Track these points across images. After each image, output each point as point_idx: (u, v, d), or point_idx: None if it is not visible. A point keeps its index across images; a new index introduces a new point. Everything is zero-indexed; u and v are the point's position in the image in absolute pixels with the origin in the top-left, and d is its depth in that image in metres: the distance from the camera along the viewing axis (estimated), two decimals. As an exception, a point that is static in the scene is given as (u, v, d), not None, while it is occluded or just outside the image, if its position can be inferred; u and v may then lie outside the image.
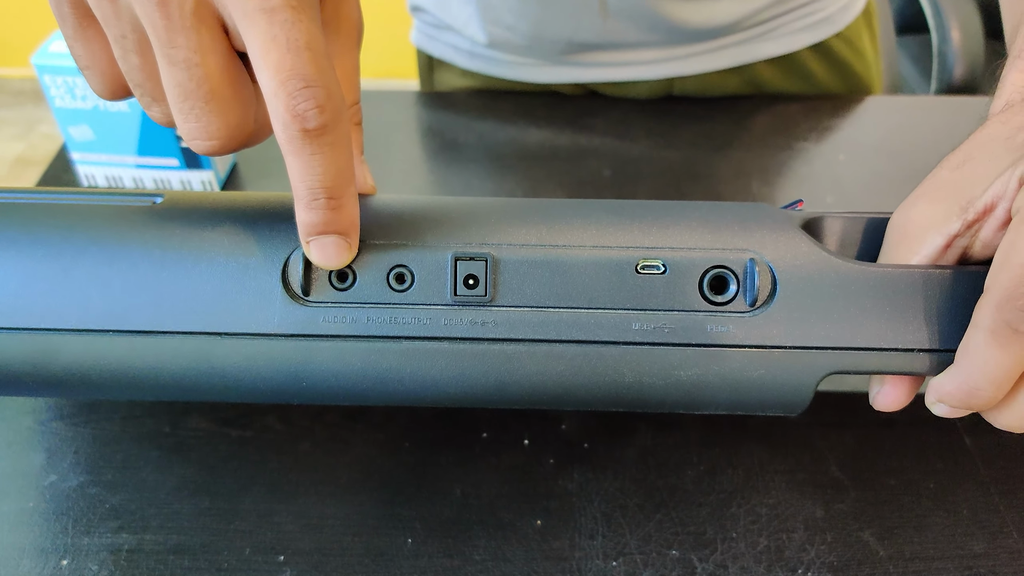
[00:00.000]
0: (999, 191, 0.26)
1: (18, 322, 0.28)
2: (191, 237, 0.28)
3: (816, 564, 0.34)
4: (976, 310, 0.25)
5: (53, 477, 0.37)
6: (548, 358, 0.28)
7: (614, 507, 0.36)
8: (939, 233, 0.28)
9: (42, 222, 0.28)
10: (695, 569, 0.34)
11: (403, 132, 0.62)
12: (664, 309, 0.28)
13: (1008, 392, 0.26)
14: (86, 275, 0.28)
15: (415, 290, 0.28)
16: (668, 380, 0.28)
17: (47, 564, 0.34)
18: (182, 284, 0.28)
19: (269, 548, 0.35)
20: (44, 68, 0.48)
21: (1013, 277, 0.24)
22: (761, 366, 0.28)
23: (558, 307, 0.28)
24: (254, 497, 0.37)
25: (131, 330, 0.28)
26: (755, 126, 0.62)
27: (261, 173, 0.56)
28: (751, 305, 0.28)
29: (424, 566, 0.34)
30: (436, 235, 0.28)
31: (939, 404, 0.27)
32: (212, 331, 0.28)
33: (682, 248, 0.28)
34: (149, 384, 0.29)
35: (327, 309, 0.28)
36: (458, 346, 0.28)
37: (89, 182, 0.54)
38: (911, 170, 0.57)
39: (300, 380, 0.28)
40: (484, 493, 0.37)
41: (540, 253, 0.28)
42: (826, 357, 0.28)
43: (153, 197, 0.30)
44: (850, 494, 0.37)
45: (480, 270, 0.28)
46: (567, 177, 0.56)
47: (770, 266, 0.28)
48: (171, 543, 0.35)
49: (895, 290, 0.28)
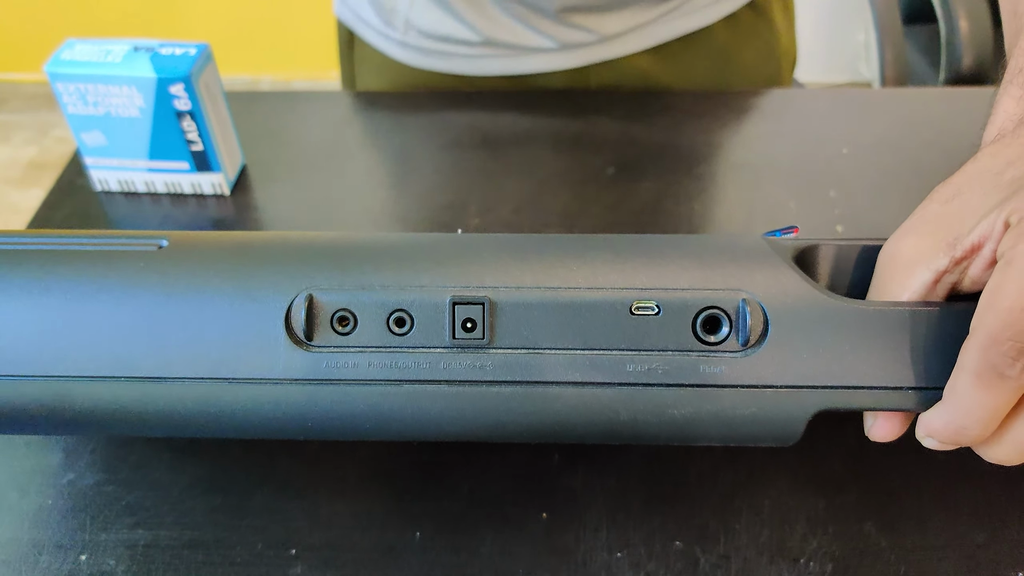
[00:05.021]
0: (986, 231, 0.26)
1: (31, 370, 0.29)
2: (195, 284, 0.29)
3: (818, 555, 0.35)
4: (962, 352, 0.26)
5: (71, 475, 0.38)
6: (545, 399, 0.29)
7: (618, 502, 0.37)
8: (927, 269, 0.28)
9: (51, 270, 0.30)
10: (698, 561, 0.35)
11: (403, 132, 0.62)
12: (658, 350, 0.29)
13: (996, 429, 0.26)
14: (95, 324, 0.29)
15: (415, 334, 0.29)
16: (662, 418, 0.29)
17: (66, 559, 0.35)
18: (188, 331, 0.29)
19: (280, 543, 0.36)
20: (56, 76, 0.49)
21: (998, 321, 0.24)
22: (753, 404, 0.29)
23: (554, 349, 0.29)
24: (265, 494, 0.37)
25: (140, 377, 0.29)
26: (758, 120, 0.62)
27: (270, 177, 0.57)
28: (743, 345, 0.28)
29: (432, 560, 0.35)
30: (434, 278, 0.29)
31: (928, 439, 0.28)
32: (218, 377, 0.29)
33: (675, 289, 0.29)
34: (159, 425, 0.30)
35: (329, 355, 0.29)
36: (457, 389, 0.29)
37: (102, 186, 0.55)
38: (915, 163, 0.57)
39: (305, 422, 0.30)
40: (491, 489, 0.38)
41: (536, 295, 0.29)
42: (816, 395, 0.28)
43: (158, 240, 0.31)
44: (852, 488, 0.37)
45: (478, 314, 0.29)
46: (570, 176, 0.57)
47: (762, 306, 0.29)
48: (185, 538, 0.36)
49: (884, 328, 0.28)
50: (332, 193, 0.56)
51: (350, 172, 0.58)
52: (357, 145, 0.60)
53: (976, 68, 1.04)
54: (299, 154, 0.59)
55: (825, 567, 0.34)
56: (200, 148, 0.52)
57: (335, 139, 0.60)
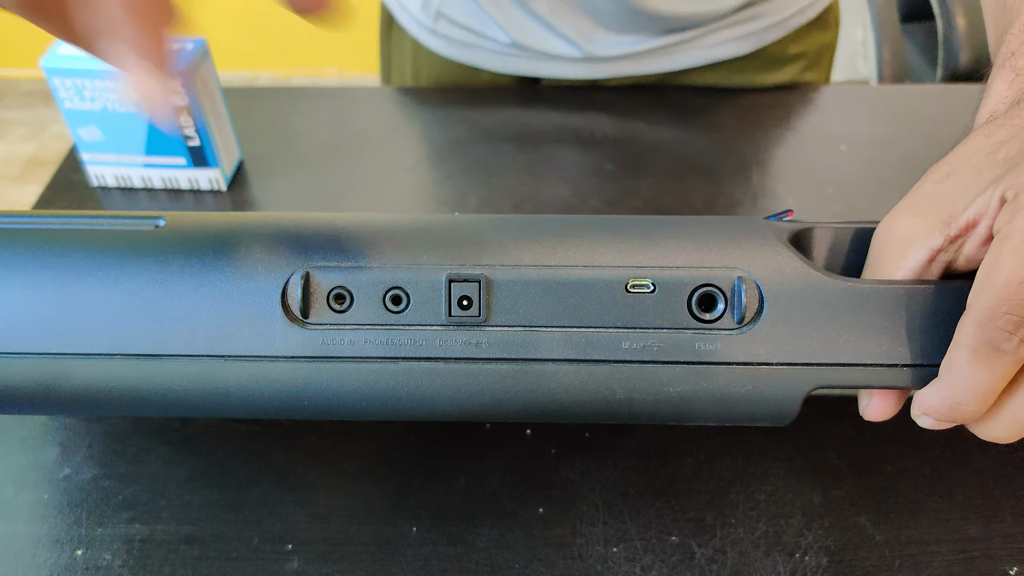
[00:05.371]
0: (981, 208, 0.27)
1: (28, 347, 0.29)
2: (193, 262, 0.29)
3: (813, 548, 0.35)
4: (958, 328, 0.26)
5: (67, 470, 0.38)
6: (541, 377, 0.29)
7: (615, 495, 0.37)
8: (922, 247, 0.28)
9: (49, 248, 0.29)
10: (694, 554, 0.35)
11: (401, 127, 0.62)
12: (654, 327, 0.29)
13: (991, 406, 0.26)
14: (93, 301, 0.29)
15: (411, 311, 0.29)
16: (658, 396, 0.29)
17: (62, 554, 0.35)
18: (185, 309, 0.29)
19: (277, 538, 0.36)
20: (53, 71, 0.49)
21: (994, 297, 0.24)
22: (748, 382, 0.29)
23: (550, 327, 0.29)
24: (262, 489, 0.37)
25: (137, 354, 0.29)
26: (756, 117, 0.62)
27: (267, 172, 0.57)
28: (739, 322, 0.29)
29: (429, 554, 0.35)
30: (431, 256, 0.29)
31: (924, 417, 0.28)
32: (215, 354, 0.29)
33: (671, 267, 0.29)
34: (156, 404, 0.30)
35: (326, 331, 0.29)
36: (453, 366, 0.29)
37: (99, 182, 0.55)
38: (912, 160, 0.57)
39: (301, 399, 0.29)
40: (487, 482, 0.38)
41: (532, 273, 0.29)
42: (812, 373, 0.28)
43: (155, 220, 0.31)
44: (847, 480, 0.37)
45: (474, 291, 0.29)
46: (570, 172, 0.57)
47: (757, 283, 0.29)
48: (182, 533, 0.36)
49: (879, 306, 0.28)
50: (329, 189, 0.56)
51: (347, 168, 0.58)
52: (354, 141, 0.60)
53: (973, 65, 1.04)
54: (296, 150, 0.59)
55: (820, 560, 0.35)
56: (197, 143, 0.52)
57: (332, 135, 0.60)
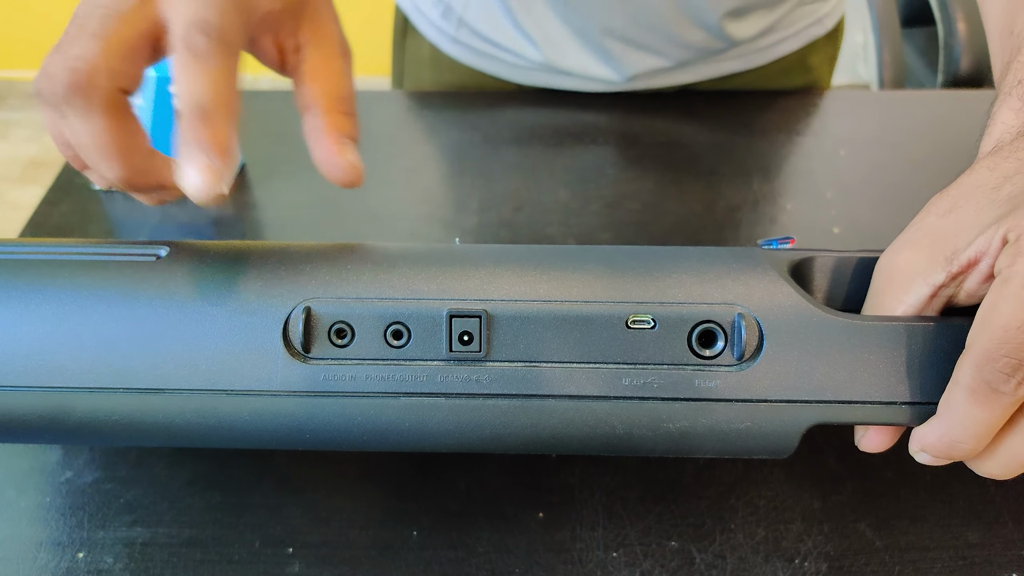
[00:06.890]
0: (983, 247, 0.27)
1: (32, 381, 0.29)
2: (193, 295, 0.29)
3: (813, 554, 0.35)
4: (957, 367, 0.26)
5: (69, 473, 0.38)
6: (541, 412, 0.29)
7: (615, 500, 0.37)
8: (924, 283, 0.28)
9: (51, 281, 0.30)
10: (694, 559, 0.35)
11: (402, 130, 0.62)
12: (653, 364, 0.29)
13: (989, 444, 0.26)
14: (95, 336, 0.29)
15: (412, 346, 0.29)
16: (657, 432, 0.29)
17: (64, 557, 0.35)
18: (187, 344, 0.29)
19: (278, 541, 0.36)
20: (56, 74, 0.49)
21: (993, 339, 0.24)
22: (748, 418, 0.29)
23: (551, 362, 0.29)
24: (263, 492, 0.37)
25: (139, 388, 0.29)
26: (756, 121, 0.62)
27: (269, 173, 0.57)
28: (738, 359, 0.29)
29: (429, 558, 0.35)
30: (432, 290, 0.29)
31: (922, 453, 0.28)
32: (216, 389, 0.29)
33: (671, 303, 0.29)
34: (159, 436, 0.30)
35: (327, 367, 0.29)
36: (454, 402, 0.29)
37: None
38: (912, 165, 0.57)
39: (303, 433, 0.30)
40: (487, 487, 0.38)
41: (533, 309, 0.29)
42: (811, 410, 0.29)
43: (156, 250, 0.31)
44: (847, 486, 0.37)
45: (474, 327, 0.29)
46: (569, 175, 0.57)
47: (757, 320, 0.29)
48: (184, 536, 0.36)
49: (879, 343, 0.28)
50: (330, 192, 0.56)
51: (349, 171, 0.58)
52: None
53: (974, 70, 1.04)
54: (298, 153, 0.59)
55: (820, 566, 0.35)
56: (199, 147, 0.52)
57: (334, 138, 0.60)
